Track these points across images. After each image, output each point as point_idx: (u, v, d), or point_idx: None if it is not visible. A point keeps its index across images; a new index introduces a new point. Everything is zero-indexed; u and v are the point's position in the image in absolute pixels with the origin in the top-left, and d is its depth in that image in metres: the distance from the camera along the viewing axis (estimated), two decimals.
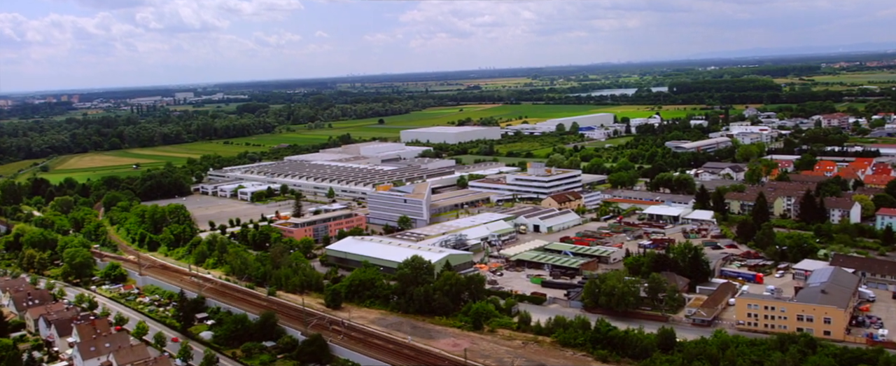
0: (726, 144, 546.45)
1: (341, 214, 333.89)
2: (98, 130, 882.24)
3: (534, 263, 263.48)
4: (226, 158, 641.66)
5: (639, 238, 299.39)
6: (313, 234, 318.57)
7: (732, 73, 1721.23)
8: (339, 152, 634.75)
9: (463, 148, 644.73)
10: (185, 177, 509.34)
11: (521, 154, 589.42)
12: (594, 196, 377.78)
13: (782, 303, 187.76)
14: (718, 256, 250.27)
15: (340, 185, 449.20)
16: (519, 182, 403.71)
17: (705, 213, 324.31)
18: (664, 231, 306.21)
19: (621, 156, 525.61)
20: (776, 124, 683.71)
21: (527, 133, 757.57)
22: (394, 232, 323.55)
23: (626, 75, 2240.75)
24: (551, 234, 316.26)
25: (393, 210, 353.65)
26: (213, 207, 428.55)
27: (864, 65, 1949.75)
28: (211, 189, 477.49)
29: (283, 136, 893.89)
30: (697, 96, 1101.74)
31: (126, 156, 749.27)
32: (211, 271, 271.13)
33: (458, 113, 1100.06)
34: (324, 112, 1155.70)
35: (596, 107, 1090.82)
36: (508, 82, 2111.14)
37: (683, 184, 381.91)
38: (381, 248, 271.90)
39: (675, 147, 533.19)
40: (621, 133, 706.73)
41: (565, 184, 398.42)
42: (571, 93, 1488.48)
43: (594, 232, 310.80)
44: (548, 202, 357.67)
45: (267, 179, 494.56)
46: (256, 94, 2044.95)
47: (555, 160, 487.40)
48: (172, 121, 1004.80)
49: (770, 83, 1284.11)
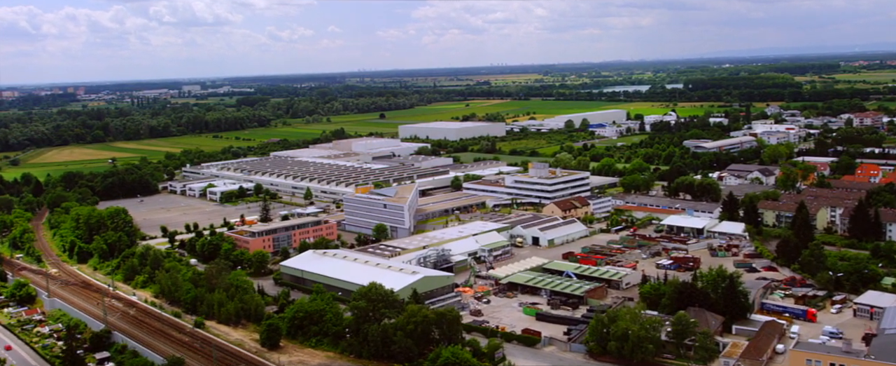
0: (751, 143, 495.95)
1: (308, 222, 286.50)
2: (84, 122, 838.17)
3: (529, 288, 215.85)
4: (208, 152, 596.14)
5: (656, 255, 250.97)
6: (273, 245, 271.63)
7: (749, 71, 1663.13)
8: (329, 148, 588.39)
9: (463, 145, 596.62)
10: (155, 173, 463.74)
11: (525, 152, 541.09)
12: (604, 202, 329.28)
13: (857, 362, 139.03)
14: (757, 283, 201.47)
15: (320, 185, 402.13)
16: (519, 185, 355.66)
17: (735, 225, 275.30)
18: (687, 247, 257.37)
19: (635, 156, 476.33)
20: (802, 123, 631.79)
21: (533, 130, 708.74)
22: (367, 244, 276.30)
23: (640, 73, 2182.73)
24: (552, 248, 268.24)
25: (371, 216, 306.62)
26: (176, 208, 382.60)
27: (886, 63, 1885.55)
28: (180, 188, 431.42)
29: (277, 130, 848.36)
30: (714, 93, 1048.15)
31: (108, 149, 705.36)
32: (137, 292, 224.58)
33: (464, 109, 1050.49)
34: (324, 106, 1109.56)
35: (608, 103, 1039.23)
36: (519, 79, 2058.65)
37: (707, 189, 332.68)
38: (343, 266, 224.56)
39: (694, 147, 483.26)
40: (635, 131, 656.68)
41: (571, 187, 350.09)
42: (583, 89, 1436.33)
43: (603, 247, 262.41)
44: (550, 209, 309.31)
45: (243, 176, 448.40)
46: (263, 87, 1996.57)
47: (561, 160, 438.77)
48: (164, 113, 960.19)
49: (790, 81, 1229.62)
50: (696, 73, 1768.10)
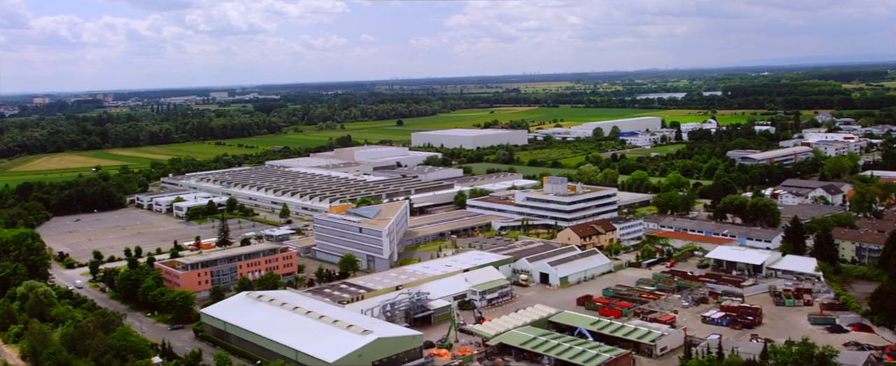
0: (806, 154, 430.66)
1: (260, 250, 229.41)
2: (85, 127, 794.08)
3: (527, 352, 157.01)
4: (200, 161, 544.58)
5: (701, 302, 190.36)
6: (211, 280, 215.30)
7: (790, 79, 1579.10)
8: (330, 158, 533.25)
9: (479, 155, 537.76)
10: (126, 185, 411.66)
11: (546, 163, 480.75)
12: (634, 226, 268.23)
13: None
14: (855, 358, 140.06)
15: (301, 200, 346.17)
16: (531, 203, 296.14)
17: (803, 261, 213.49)
18: (742, 291, 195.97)
19: (671, 168, 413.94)
20: (860, 131, 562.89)
21: (558, 138, 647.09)
22: (332, 280, 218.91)
23: (675, 80, 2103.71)
24: (566, 288, 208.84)
25: (345, 242, 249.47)
26: (132, 227, 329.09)
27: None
28: (147, 201, 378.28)
29: (286, 137, 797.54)
30: (756, 101, 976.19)
31: (101, 156, 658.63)
32: (6, 348, 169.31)
33: (489, 116, 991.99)
34: (341, 113, 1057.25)
35: (641, 111, 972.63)
36: (550, 87, 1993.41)
37: (761, 211, 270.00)
38: (276, 318, 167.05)
39: (740, 158, 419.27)
40: (671, 140, 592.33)
41: (594, 207, 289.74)
42: (615, 96, 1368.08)
43: (631, 290, 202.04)
44: (566, 236, 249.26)
45: (221, 189, 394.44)
46: (290, 94, 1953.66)
47: (584, 173, 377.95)
48: (171, 120, 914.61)
49: (838, 88, 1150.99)
50: (734, 80, 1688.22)
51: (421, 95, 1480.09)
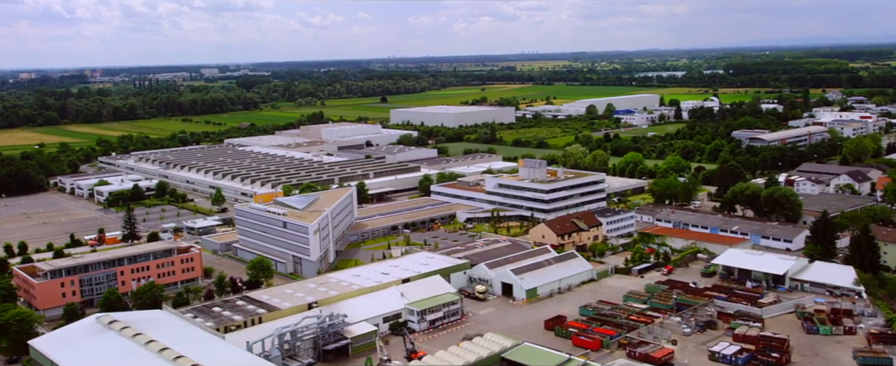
0: (822, 135, 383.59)
1: (151, 251, 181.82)
2: (43, 102, 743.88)
3: None
4: (155, 139, 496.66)
5: (709, 327, 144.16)
6: (80, 291, 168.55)
7: (793, 58, 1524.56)
8: (295, 135, 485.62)
9: (460, 133, 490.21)
10: (51, 164, 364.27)
11: (531, 143, 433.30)
12: (624, 219, 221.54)
13: None
14: None
15: (241, 185, 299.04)
16: (503, 190, 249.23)
17: (838, 270, 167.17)
18: (761, 312, 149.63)
19: (670, 150, 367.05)
20: (876, 111, 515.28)
21: (549, 116, 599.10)
22: (236, 291, 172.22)
23: (674, 60, 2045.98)
24: (534, 303, 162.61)
25: (269, 239, 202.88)
26: (41, 214, 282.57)
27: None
28: (70, 185, 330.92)
29: (260, 113, 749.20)
30: (760, 78, 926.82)
31: (55, 132, 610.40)
32: None
33: (480, 93, 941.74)
34: (324, 89, 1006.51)
35: (638, 88, 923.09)
36: (547, 65, 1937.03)
37: (778, 203, 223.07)
38: (125, 357, 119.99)
39: (748, 139, 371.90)
40: (669, 119, 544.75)
41: (578, 196, 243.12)
42: (613, 74, 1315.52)
43: (615, 310, 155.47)
44: (539, 233, 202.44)
45: (158, 170, 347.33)
46: (281, 71, 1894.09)
47: (571, 154, 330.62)
48: (140, 94, 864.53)
49: (845, 66, 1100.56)
50: (735, 58, 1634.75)
51: (411, 72, 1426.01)
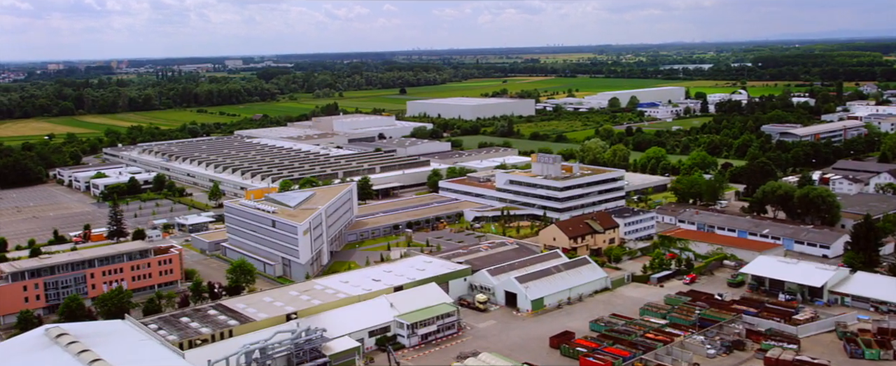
0: (858, 130, 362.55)
1: (126, 252, 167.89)
2: (60, 92, 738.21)
3: None
4: (164, 130, 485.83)
5: (736, 347, 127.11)
6: (45, 296, 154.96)
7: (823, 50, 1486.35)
8: (307, 127, 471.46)
9: (477, 126, 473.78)
10: (53, 156, 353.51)
11: (550, 137, 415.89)
12: (644, 220, 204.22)
13: None
14: None
15: (241, 178, 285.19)
16: (514, 187, 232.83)
17: (883, 281, 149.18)
18: (797, 331, 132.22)
19: (695, 144, 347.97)
20: None
21: (570, 109, 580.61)
22: (214, 297, 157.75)
23: (701, 53, 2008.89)
24: (539, 315, 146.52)
25: (258, 239, 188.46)
26: (33, 207, 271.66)
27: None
28: (68, 177, 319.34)
29: (277, 104, 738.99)
30: (790, 71, 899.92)
31: (69, 123, 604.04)
32: None
33: (501, 85, 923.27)
34: (344, 80, 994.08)
35: (664, 81, 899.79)
36: (572, 57, 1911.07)
37: (813, 204, 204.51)
38: None
39: (778, 134, 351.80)
40: (695, 112, 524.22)
41: (596, 193, 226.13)
42: (638, 66, 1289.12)
43: (630, 325, 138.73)
44: (550, 235, 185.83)
45: (160, 162, 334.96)
46: (304, 63, 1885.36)
47: (589, 149, 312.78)
48: (158, 85, 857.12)
49: (878, 59, 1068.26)
50: (764, 51, 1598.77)
51: (432, 64, 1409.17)
